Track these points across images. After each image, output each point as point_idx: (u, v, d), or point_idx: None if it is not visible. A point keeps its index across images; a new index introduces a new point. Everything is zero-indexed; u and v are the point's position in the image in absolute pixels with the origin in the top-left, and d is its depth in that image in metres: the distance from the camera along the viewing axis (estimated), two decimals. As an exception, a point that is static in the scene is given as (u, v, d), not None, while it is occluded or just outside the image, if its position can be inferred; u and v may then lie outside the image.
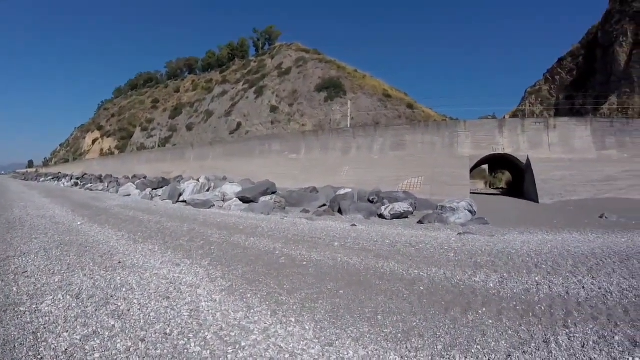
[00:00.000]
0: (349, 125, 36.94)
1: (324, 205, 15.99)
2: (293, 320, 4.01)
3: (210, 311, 4.21)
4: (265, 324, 3.91)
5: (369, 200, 15.65)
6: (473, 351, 3.45)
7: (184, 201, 18.29)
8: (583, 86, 53.55)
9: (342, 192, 16.81)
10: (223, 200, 17.15)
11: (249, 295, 4.75)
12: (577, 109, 45.55)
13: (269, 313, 4.19)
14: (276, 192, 17.92)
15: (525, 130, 23.56)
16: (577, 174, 20.74)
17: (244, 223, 11.28)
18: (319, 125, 46.65)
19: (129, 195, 23.39)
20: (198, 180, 21.68)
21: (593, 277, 5.91)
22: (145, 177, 32.16)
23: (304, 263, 6.46)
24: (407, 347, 3.49)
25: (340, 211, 14.35)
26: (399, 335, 3.74)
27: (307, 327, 3.84)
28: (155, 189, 23.35)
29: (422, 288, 5.24)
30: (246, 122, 57.63)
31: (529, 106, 61.24)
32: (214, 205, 16.50)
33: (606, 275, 6.06)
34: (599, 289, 5.38)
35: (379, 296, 4.85)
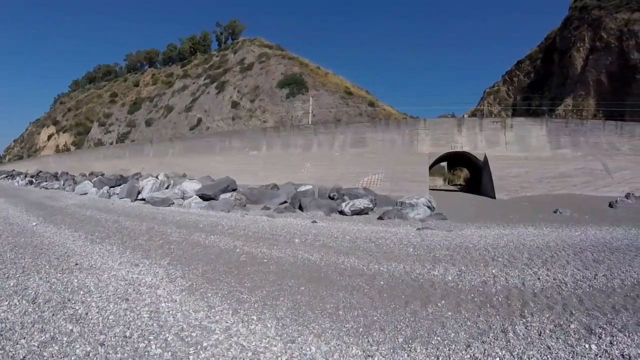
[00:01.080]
0: (310, 122, 37.04)
1: (285, 202, 15.98)
2: (255, 318, 4.01)
3: (171, 312, 4.15)
4: (227, 323, 3.89)
5: (329, 197, 15.76)
6: (433, 342, 3.54)
7: (143, 199, 17.88)
8: (540, 88, 56.31)
9: (303, 188, 16.85)
10: (183, 198, 16.90)
11: (209, 295, 4.71)
12: (533, 110, 47.39)
13: (230, 312, 4.17)
14: (237, 189, 17.74)
15: (483, 129, 24.30)
16: (532, 171, 21.51)
17: (204, 221, 11.13)
18: (280, 121, 46.53)
19: (85, 193, 22.69)
20: (157, 177, 21.23)
21: (548, 269, 6.15)
22: (102, 175, 31.23)
23: (265, 260, 6.46)
24: (368, 341, 3.54)
25: (301, 208, 14.39)
26: (361, 329, 3.80)
27: (269, 325, 3.84)
28: (113, 186, 22.68)
29: (382, 283, 5.33)
30: (207, 117, 56.81)
31: (488, 106, 63.56)
32: (174, 203, 16.21)
33: (560, 266, 6.32)
34: (554, 279, 5.62)
35: (339, 292, 4.91)
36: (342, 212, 13.45)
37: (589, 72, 46.30)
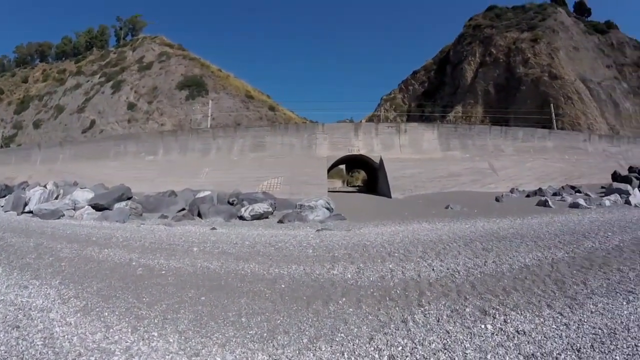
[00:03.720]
0: (209, 126, 36.28)
1: (183, 209, 15.45)
2: (156, 334, 3.90)
3: (66, 336, 3.89)
4: (127, 342, 3.74)
5: (229, 202, 15.51)
6: (337, 339, 3.68)
7: (30, 212, 16.45)
8: (433, 96, 62.29)
9: (201, 195, 16.45)
10: (74, 209, 15.77)
11: (106, 314, 4.47)
12: (426, 116, 51.51)
13: (130, 330, 4.01)
14: (132, 197, 16.85)
15: (379, 133, 25.58)
16: (425, 171, 22.95)
17: (97, 233, 10.45)
18: (178, 125, 45.16)
19: (-39, 207, 20.51)
20: (45, 186, 19.56)
21: (441, 260, 6.67)
22: (-17, 185, 28.37)
23: (163, 272, 6.27)
24: (273, 345, 3.61)
25: (199, 215, 14.05)
26: (265, 334, 3.85)
27: (170, 340, 3.76)
28: (-4, 198, 20.75)
29: (283, 286, 5.42)
30: (101, 119, 53.44)
31: (384, 112, 67.32)
32: (64, 214, 15.04)
33: (453, 257, 6.89)
34: (447, 269, 6.12)
35: (241, 298, 4.91)
36: (241, 218, 13.37)
37: (478, 83, 51.89)
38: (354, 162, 33.58)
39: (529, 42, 51.88)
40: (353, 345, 3.57)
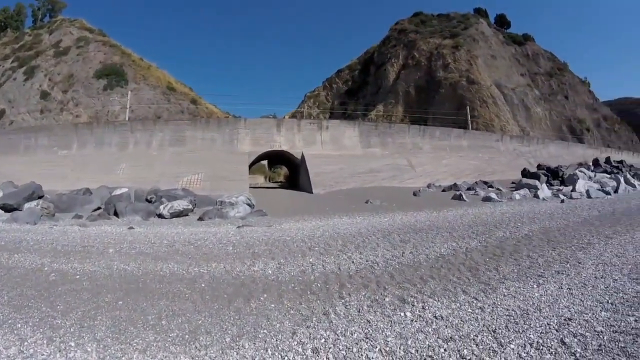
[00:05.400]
0: (127, 118, 34.60)
1: (99, 208, 14.66)
2: (72, 344, 3.69)
3: (-24, 353, 3.59)
4: (43, 355, 3.50)
5: (147, 200, 14.99)
6: (260, 336, 3.71)
7: None
8: (356, 95, 64.02)
9: (118, 192, 15.78)
10: (-22, 211, 14.63)
11: (19, 325, 4.14)
12: (349, 114, 53.03)
13: (45, 341, 3.75)
14: (44, 196, 15.80)
15: (301, 129, 25.87)
16: (346, 167, 23.47)
17: (5, 237, 9.57)
18: (95, 116, 42.41)
19: None
20: (-57, 187, 17.99)
21: (360, 252, 6.92)
22: None
23: (77, 277, 5.92)
24: (196, 347, 3.57)
25: (116, 214, 13.33)
26: (186, 336, 3.79)
27: (89, 349, 3.58)
28: None
29: (203, 285, 5.36)
30: (11, 109, 48.47)
31: (308, 109, 68.19)
32: (-33, 217, 13.90)
33: (372, 249, 7.17)
34: (367, 261, 6.37)
35: (160, 300, 4.79)
36: (160, 216, 12.94)
37: (400, 84, 54.57)
38: (276, 158, 33.57)
39: (450, 48, 54.72)
40: (276, 340, 3.62)
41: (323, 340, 3.60)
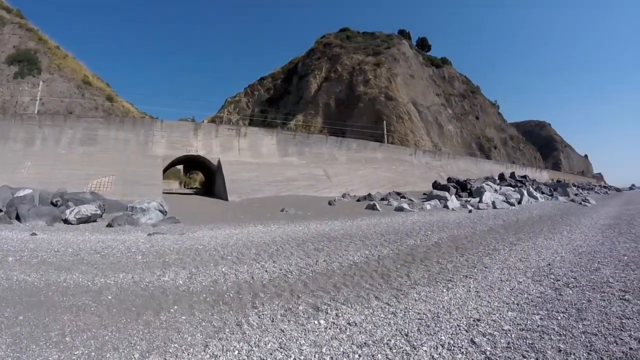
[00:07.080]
0: (37, 111, 31.86)
1: (0, 211, 13.63)
2: None
3: None
4: None
5: (52, 203, 14.00)
6: (171, 350, 3.52)
7: None
8: (277, 103, 64.89)
9: (21, 193, 14.60)
10: None
11: None
12: (269, 122, 53.48)
13: None
14: None
15: (219, 135, 25.44)
16: (262, 175, 23.42)
17: None
18: (2, 107, 38.86)
19: None
20: None
21: (274, 261, 6.88)
22: None
23: (-29, 289, 5.31)
24: (102, 365, 3.32)
25: (18, 218, 12.41)
26: (92, 354, 3.50)
27: None
28: None
29: (110, 297, 5.04)
30: None
31: (228, 114, 67.98)
32: None
33: (285, 258, 7.15)
34: (280, 270, 6.32)
35: (64, 315, 4.40)
36: (66, 221, 12.05)
37: (321, 96, 56.34)
38: (192, 163, 32.84)
39: (372, 65, 57.20)
40: (188, 354, 3.46)
41: (236, 352, 3.49)
